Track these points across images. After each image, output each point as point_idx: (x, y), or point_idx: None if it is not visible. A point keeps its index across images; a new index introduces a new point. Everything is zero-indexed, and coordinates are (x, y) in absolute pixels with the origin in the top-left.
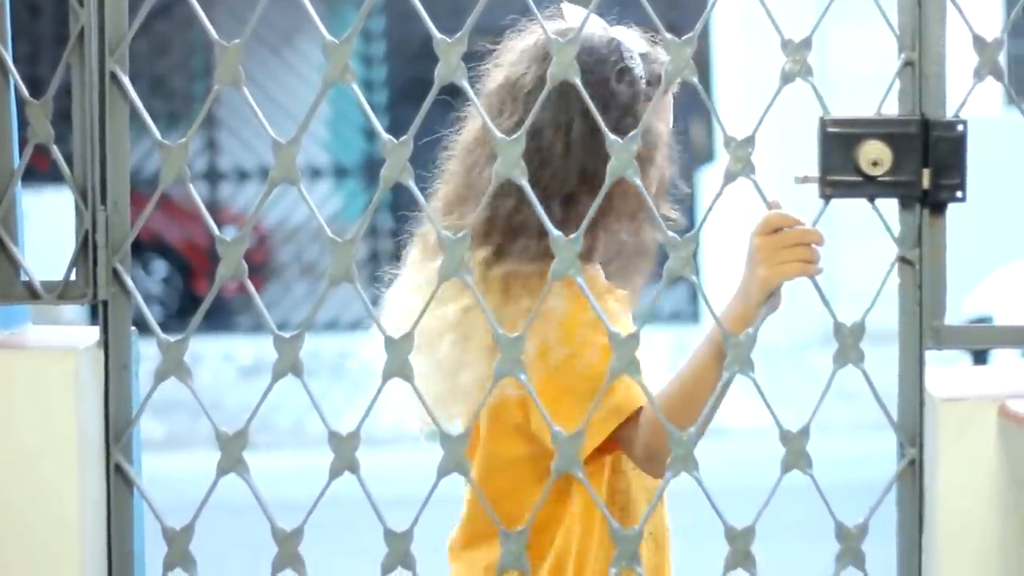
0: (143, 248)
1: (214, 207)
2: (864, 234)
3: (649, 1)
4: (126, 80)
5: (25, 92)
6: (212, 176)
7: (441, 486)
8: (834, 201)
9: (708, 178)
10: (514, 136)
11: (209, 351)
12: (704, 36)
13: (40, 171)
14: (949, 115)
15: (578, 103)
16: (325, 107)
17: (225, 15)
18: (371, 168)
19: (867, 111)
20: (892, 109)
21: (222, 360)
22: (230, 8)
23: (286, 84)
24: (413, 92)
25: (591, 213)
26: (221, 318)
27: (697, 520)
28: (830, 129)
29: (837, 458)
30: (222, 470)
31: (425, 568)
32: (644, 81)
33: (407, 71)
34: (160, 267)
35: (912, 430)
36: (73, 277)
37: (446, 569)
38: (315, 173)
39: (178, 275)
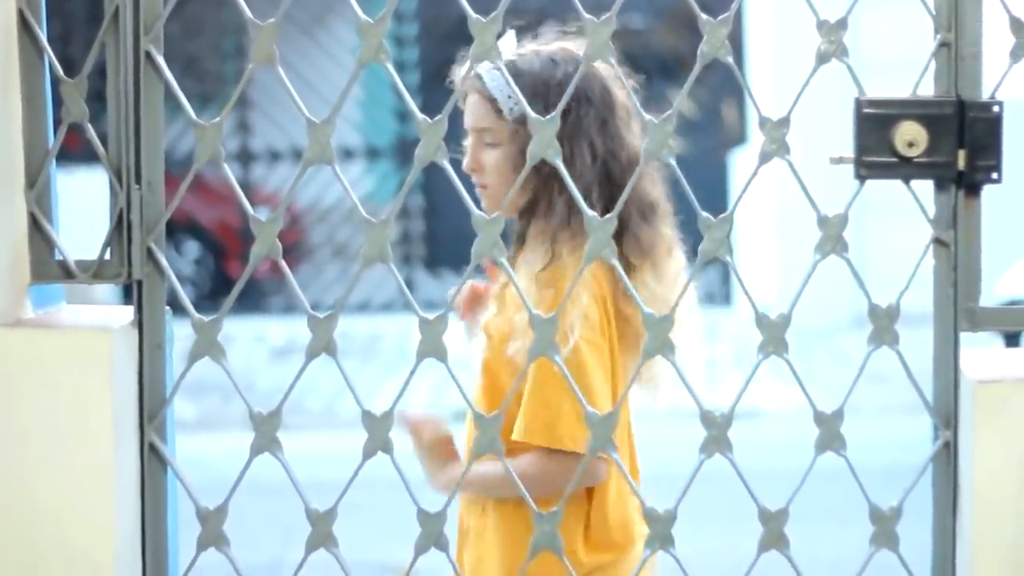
0: (175, 228)
1: (246, 187)
2: (894, 215)
3: None
4: (161, 60)
5: (60, 71)
6: (244, 157)
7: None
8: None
9: (741, 159)
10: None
11: (241, 332)
12: (736, 16)
13: (72, 150)
14: (985, 96)
15: None
16: (357, 88)
17: None
18: (403, 149)
19: (901, 92)
20: (927, 90)
21: (254, 341)
22: None
23: (318, 64)
24: (445, 73)
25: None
26: (253, 299)
27: (731, 502)
28: (865, 110)
29: (868, 441)
30: (256, 450)
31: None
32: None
33: (439, 52)
34: (192, 248)
35: (947, 412)
36: (107, 256)
37: None
38: (347, 154)
39: (210, 256)
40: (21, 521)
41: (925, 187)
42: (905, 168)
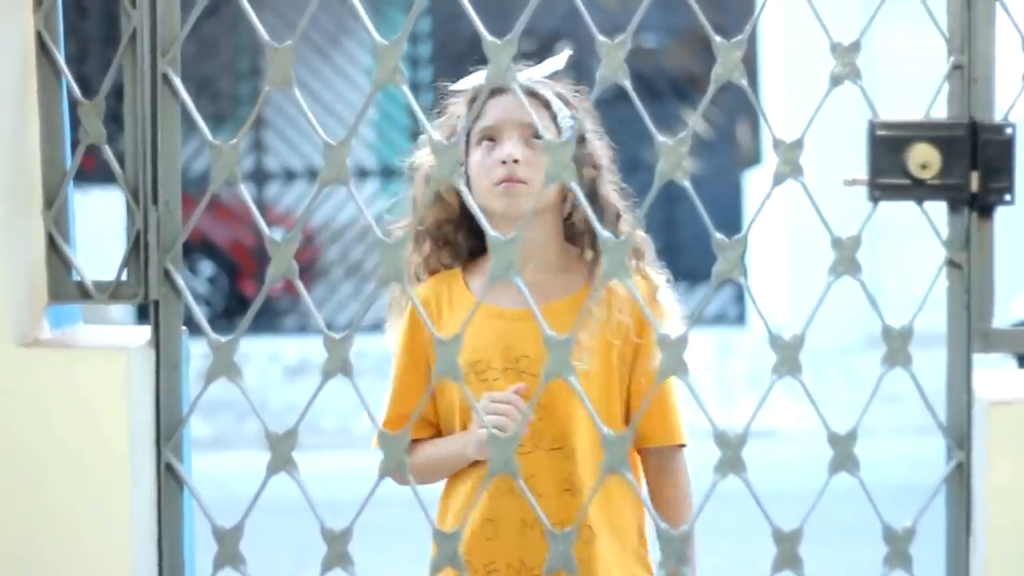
0: (189, 247)
1: (260, 207)
2: (907, 237)
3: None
4: (178, 81)
5: (77, 92)
6: (258, 176)
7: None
8: (879, 203)
9: (754, 180)
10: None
11: (255, 351)
12: (751, 38)
13: (88, 170)
14: (998, 118)
15: None
16: (371, 108)
17: (271, 16)
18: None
19: (915, 113)
20: (940, 112)
21: (268, 360)
22: (276, 9)
23: (332, 84)
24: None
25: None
26: (267, 318)
27: (745, 522)
28: (879, 132)
29: (881, 460)
30: (272, 469)
31: None
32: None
33: (453, 72)
34: (206, 267)
35: (960, 433)
36: (124, 277)
37: None
38: (362, 174)
39: (224, 275)
40: (38, 540)
41: (938, 209)
42: (918, 190)
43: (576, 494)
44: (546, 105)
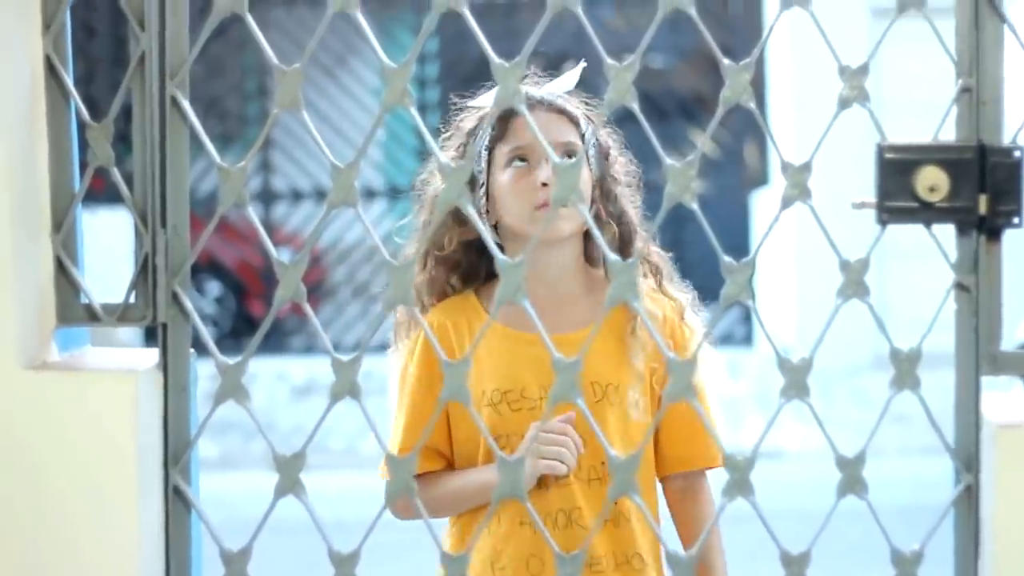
0: (196, 268)
1: (267, 227)
2: (914, 259)
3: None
4: (186, 104)
5: (86, 115)
6: (265, 196)
7: None
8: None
9: (762, 200)
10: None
11: (262, 371)
12: (758, 59)
13: (95, 191)
14: (1006, 141)
15: None
16: (379, 129)
17: (277, 35)
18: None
19: (923, 135)
20: (949, 135)
21: (275, 380)
22: (281, 28)
23: (338, 104)
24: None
25: None
26: (274, 338)
27: (752, 543)
28: (887, 155)
29: (888, 480)
30: (280, 492)
31: None
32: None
33: (461, 92)
34: (213, 287)
35: (968, 456)
36: (132, 299)
37: None
38: (369, 194)
39: (231, 295)
40: (46, 563)
41: (946, 232)
42: (927, 213)
43: (621, 524)
44: (574, 122)
